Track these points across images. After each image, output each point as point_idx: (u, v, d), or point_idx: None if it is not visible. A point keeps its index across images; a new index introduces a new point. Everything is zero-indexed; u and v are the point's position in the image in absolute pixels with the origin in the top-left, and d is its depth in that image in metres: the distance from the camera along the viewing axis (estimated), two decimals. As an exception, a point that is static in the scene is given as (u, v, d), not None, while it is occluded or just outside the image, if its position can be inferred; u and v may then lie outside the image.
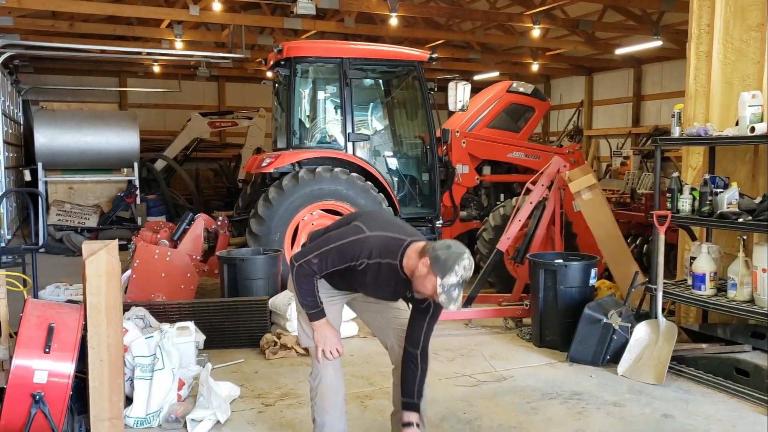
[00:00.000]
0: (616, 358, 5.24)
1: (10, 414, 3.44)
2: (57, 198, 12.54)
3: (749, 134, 4.70)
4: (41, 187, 12.08)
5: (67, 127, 12.42)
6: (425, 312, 3.35)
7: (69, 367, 3.49)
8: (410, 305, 3.41)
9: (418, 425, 3.42)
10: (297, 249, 7.38)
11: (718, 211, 4.84)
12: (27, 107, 16.32)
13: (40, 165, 12.23)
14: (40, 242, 5.27)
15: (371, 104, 8.49)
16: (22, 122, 15.95)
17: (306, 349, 5.54)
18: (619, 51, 14.89)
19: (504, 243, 6.72)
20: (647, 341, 5.16)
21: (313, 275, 3.23)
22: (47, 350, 3.44)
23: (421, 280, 3.07)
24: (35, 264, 4.98)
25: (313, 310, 3.31)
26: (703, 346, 5.23)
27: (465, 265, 3.02)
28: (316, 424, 3.42)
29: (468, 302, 6.56)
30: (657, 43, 13.47)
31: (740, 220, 4.70)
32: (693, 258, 5.19)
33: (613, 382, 5.02)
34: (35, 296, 4.94)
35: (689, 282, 5.22)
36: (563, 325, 5.70)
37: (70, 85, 17.85)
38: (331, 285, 3.42)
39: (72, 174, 12.79)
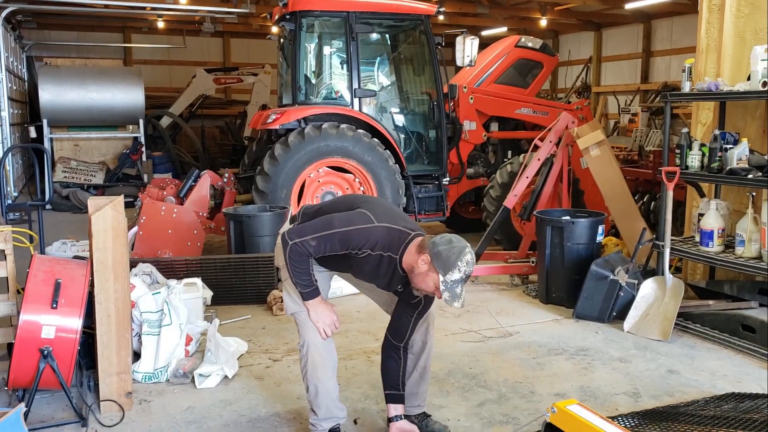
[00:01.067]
0: (622, 315, 5.25)
1: (19, 368, 3.48)
2: (63, 155, 12.55)
3: (761, 89, 4.61)
4: (47, 144, 12.08)
5: (71, 83, 12.35)
6: (415, 307, 3.25)
7: (76, 323, 3.51)
8: (399, 297, 3.29)
9: (405, 417, 3.38)
10: (304, 204, 7.38)
11: (728, 167, 4.78)
12: (31, 63, 16.20)
13: (45, 121, 12.21)
14: (46, 198, 5.26)
15: (377, 59, 8.38)
16: (26, 78, 15.86)
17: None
18: (629, 6, 14.61)
19: (511, 200, 6.69)
20: (653, 298, 5.17)
21: (308, 256, 3.09)
22: (54, 306, 3.46)
23: (422, 277, 2.97)
24: (41, 220, 4.99)
25: (308, 290, 3.17)
26: (710, 302, 5.23)
27: (468, 260, 2.92)
28: (309, 391, 3.32)
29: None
30: (669, -3, 13.21)
31: (750, 176, 4.64)
32: (701, 215, 5.16)
33: (618, 338, 5.03)
34: (42, 252, 4.96)
35: (697, 239, 5.19)
36: (570, 282, 5.70)
37: (73, 41, 17.69)
38: (320, 265, 3.31)
39: (77, 131, 12.78)
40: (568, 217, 5.94)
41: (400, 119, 8.33)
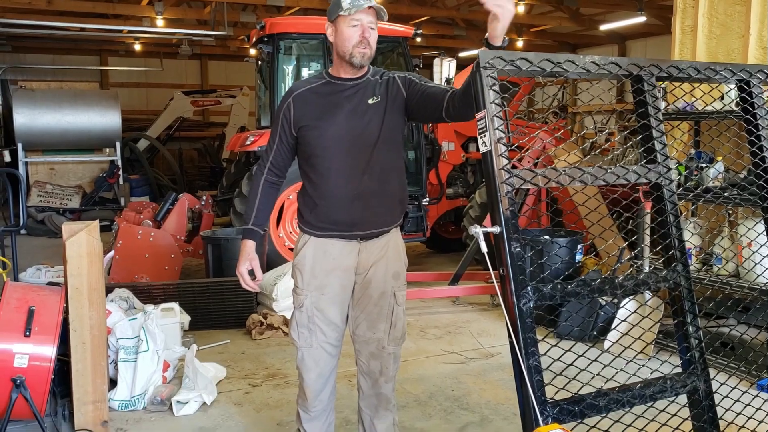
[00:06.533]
0: (603, 333, 5.25)
1: (-9, 398, 3.39)
2: (38, 179, 12.39)
3: (734, 108, 4.68)
4: (21, 168, 11.93)
5: (47, 106, 12.24)
6: (413, 92, 2.88)
7: (50, 351, 3.44)
8: (393, 111, 2.87)
9: None
10: (282, 228, 7.34)
11: (704, 186, 4.83)
12: (5, 87, 16.05)
13: (20, 145, 12.06)
14: (21, 224, 5.18)
15: (356, 81, 8.40)
16: (0, 102, 15.70)
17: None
18: (604, 27, 14.85)
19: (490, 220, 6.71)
20: (633, 316, 5.18)
21: (261, 171, 3.00)
22: (27, 333, 3.39)
23: (341, 42, 2.77)
24: (15, 246, 4.91)
25: (244, 225, 3.03)
26: (689, 320, 5.25)
27: None
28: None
29: (455, 279, 6.55)
30: (641, 19, 13.45)
31: (725, 194, 4.69)
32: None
33: (600, 356, 5.02)
34: (15, 279, 4.87)
35: (675, 257, 5.22)
36: (550, 302, 5.70)
37: (49, 64, 17.56)
38: (316, 204, 2.90)
39: (53, 154, 12.63)
40: (547, 237, 5.96)
41: (378, 140, 8.33)
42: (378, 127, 2.83)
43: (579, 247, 5.87)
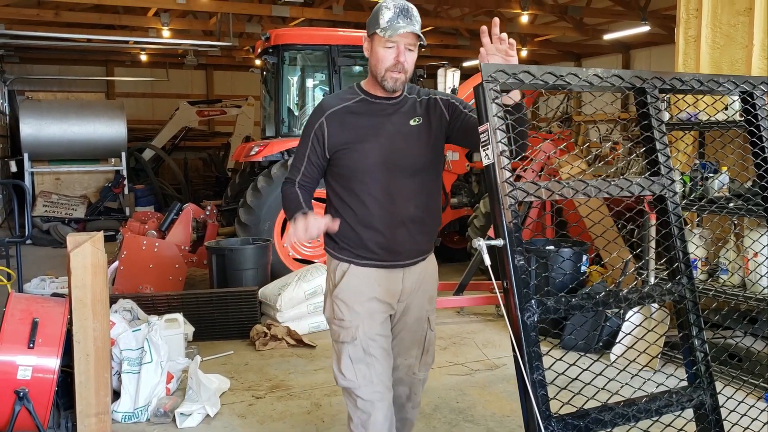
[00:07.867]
0: (608, 345, 5.22)
1: (-5, 411, 3.39)
2: (44, 189, 12.44)
3: (739, 119, 4.67)
4: (27, 178, 11.99)
5: (53, 117, 12.30)
6: (455, 117, 2.72)
7: (54, 362, 3.44)
8: (433, 133, 2.71)
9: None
10: (286, 238, 7.35)
11: (709, 197, 4.82)
12: (12, 97, 16.14)
13: (26, 155, 12.13)
14: (26, 234, 5.21)
15: (360, 92, 8.42)
16: (7, 113, 15.78)
17: (297, 340, 5.54)
18: (608, 36, 14.88)
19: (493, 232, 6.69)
20: (639, 329, 5.15)
21: (294, 181, 2.72)
22: (31, 345, 3.39)
23: (374, 62, 2.60)
24: (20, 257, 4.92)
25: (296, 212, 2.60)
26: (695, 331, 5.22)
27: (388, 1, 2.57)
28: None
29: (460, 290, 6.53)
30: (645, 29, 13.50)
31: (731, 204, 4.67)
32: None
33: (606, 369, 4.99)
34: (20, 290, 4.88)
35: (680, 268, 5.20)
36: (555, 313, 5.68)
37: (56, 74, 17.68)
38: (352, 229, 2.68)
39: (59, 164, 12.69)
40: (552, 247, 5.94)
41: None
42: (421, 151, 2.68)
43: (584, 257, 5.85)
